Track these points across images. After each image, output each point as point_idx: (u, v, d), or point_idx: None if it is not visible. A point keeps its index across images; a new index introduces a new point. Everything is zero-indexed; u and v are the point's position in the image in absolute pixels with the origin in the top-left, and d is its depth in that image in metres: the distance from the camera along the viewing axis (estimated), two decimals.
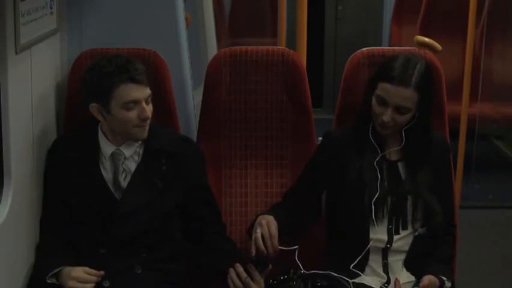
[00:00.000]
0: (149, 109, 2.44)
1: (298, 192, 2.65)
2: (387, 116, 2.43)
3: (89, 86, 2.45)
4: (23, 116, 2.42)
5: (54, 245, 2.48)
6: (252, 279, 2.38)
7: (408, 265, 2.51)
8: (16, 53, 2.29)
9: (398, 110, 2.43)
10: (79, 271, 2.38)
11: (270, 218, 2.46)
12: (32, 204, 2.48)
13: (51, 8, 2.61)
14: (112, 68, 2.39)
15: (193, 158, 2.58)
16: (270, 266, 2.38)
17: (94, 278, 2.37)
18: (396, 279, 2.46)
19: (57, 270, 2.38)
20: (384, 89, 2.44)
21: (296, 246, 2.43)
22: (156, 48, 2.75)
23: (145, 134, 2.48)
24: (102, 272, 2.39)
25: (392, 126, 2.47)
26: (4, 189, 2.30)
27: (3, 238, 2.25)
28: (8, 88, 2.25)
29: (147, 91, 2.44)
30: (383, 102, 2.45)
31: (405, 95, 2.41)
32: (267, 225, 2.42)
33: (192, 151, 2.60)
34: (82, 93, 2.49)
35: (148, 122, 2.46)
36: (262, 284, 2.39)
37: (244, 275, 2.39)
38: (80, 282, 2.35)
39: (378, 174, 2.50)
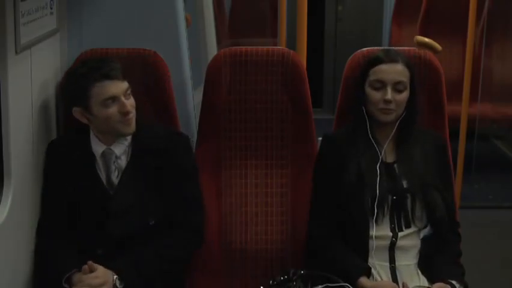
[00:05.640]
0: (129, 103, 2.44)
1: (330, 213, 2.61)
2: (388, 94, 2.49)
3: (67, 91, 2.50)
4: (23, 116, 2.42)
5: (60, 247, 2.47)
6: None
7: (421, 268, 2.51)
8: (16, 53, 2.29)
9: (396, 87, 2.51)
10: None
11: None
12: (32, 204, 2.48)
13: (51, 8, 2.61)
14: (85, 69, 2.42)
15: (180, 151, 2.56)
16: None
17: None
18: (404, 283, 2.44)
19: (71, 273, 2.38)
20: (378, 71, 2.53)
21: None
22: (156, 48, 2.75)
23: (132, 128, 2.47)
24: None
25: (394, 108, 2.51)
26: (4, 189, 2.30)
27: (3, 238, 2.25)
28: (8, 88, 2.26)
29: (124, 85, 2.44)
30: (380, 86, 2.52)
31: (399, 69, 2.53)
32: None
33: (179, 144, 2.57)
34: (62, 100, 2.53)
35: (132, 116, 2.45)
36: None
37: None
38: None
39: (378, 174, 2.51)
